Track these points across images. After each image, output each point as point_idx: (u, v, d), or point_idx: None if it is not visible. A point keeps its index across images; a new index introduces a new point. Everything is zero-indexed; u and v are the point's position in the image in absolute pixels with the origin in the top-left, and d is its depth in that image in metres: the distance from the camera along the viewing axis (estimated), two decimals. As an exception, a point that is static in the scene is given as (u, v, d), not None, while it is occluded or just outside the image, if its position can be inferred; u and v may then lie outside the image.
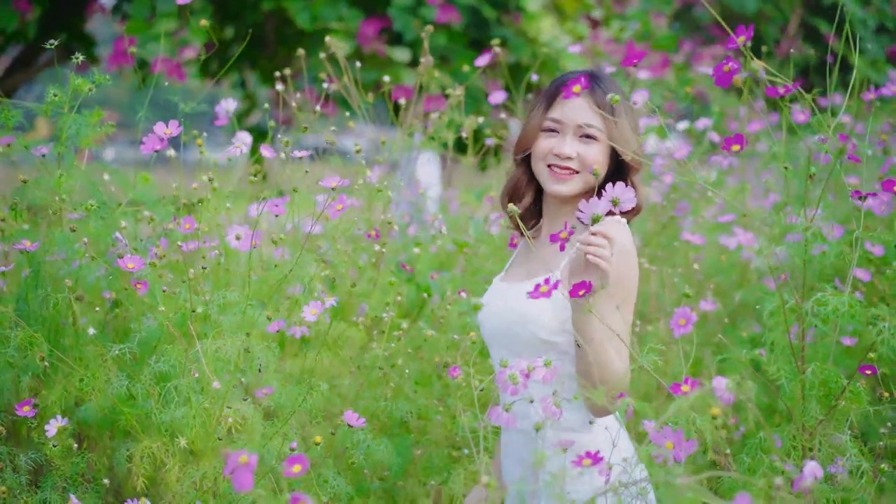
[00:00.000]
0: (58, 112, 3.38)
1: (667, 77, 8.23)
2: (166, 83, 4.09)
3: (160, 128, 3.36)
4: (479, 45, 8.10)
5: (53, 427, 3.04)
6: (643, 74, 5.97)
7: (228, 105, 4.11)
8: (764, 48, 6.07)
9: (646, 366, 2.60)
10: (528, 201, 3.06)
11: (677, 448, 2.47)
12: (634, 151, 2.88)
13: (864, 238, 3.81)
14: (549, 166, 2.93)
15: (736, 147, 2.67)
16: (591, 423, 2.86)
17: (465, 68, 5.75)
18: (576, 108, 2.90)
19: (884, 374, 3.01)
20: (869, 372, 2.87)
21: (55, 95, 3.33)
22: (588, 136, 2.90)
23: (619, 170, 2.96)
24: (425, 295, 4.09)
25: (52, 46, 3.39)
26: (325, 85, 4.13)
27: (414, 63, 7.90)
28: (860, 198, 2.97)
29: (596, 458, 2.41)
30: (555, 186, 2.93)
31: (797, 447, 2.66)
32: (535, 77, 5.08)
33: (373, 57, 7.82)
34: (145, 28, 7.62)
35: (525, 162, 3.03)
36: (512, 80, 6.00)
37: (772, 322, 2.75)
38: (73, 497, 2.88)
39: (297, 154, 3.35)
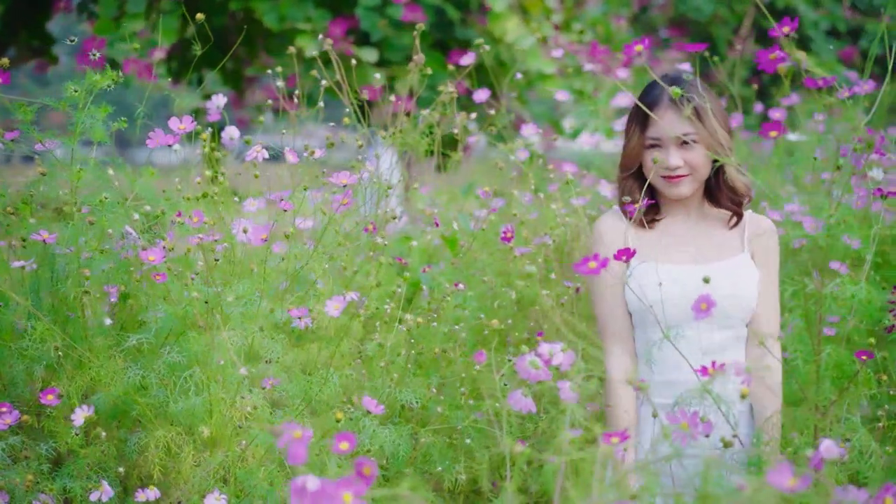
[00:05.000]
0: (72, 107, 3.43)
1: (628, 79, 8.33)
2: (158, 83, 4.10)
3: (174, 123, 3.42)
4: (444, 46, 8.19)
5: (80, 416, 3.08)
6: (622, 74, 6.10)
7: (219, 101, 4.14)
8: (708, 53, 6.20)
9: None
10: (643, 212, 3.39)
11: (693, 428, 2.59)
12: (724, 144, 3.27)
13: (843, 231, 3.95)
14: (662, 177, 3.33)
15: (774, 133, 2.80)
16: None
17: (449, 69, 5.83)
18: (669, 123, 3.28)
19: (884, 357, 3.14)
20: (865, 357, 2.99)
21: (75, 91, 3.37)
22: (686, 143, 3.28)
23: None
24: (425, 288, 4.16)
25: (73, 42, 3.44)
26: (322, 82, 4.17)
27: (380, 63, 7.96)
28: (882, 196, 3.09)
29: (623, 436, 2.50)
30: (673, 191, 3.35)
31: (809, 427, 2.78)
32: (518, 76, 5.17)
33: (341, 57, 7.86)
34: (114, 28, 7.63)
35: (632, 177, 3.41)
36: (476, 81, 6.07)
37: (791, 306, 2.87)
38: (104, 483, 2.93)
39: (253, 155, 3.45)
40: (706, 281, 2.86)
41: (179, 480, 3.30)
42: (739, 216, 3.40)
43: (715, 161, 3.29)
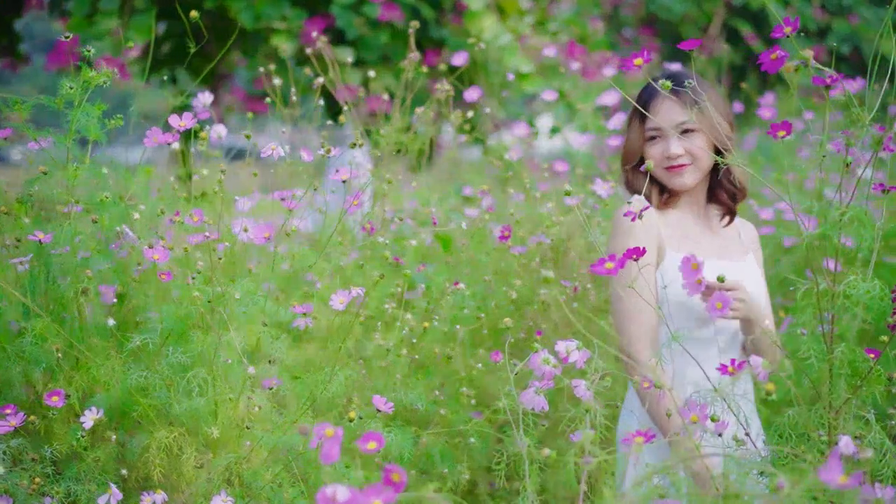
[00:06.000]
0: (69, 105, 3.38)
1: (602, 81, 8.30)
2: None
3: (174, 120, 3.38)
4: (419, 46, 8.15)
5: (89, 418, 3.04)
6: (609, 72, 6.10)
7: (205, 98, 4.11)
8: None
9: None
10: (657, 195, 3.37)
11: (703, 421, 2.59)
12: (725, 133, 3.24)
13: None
14: (665, 168, 3.30)
15: (782, 133, 2.78)
16: None
17: (426, 69, 5.80)
18: (668, 112, 3.28)
19: (896, 356, 3.13)
20: (872, 356, 2.98)
21: (71, 88, 3.32)
22: (686, 131, 3.27)
23: (718, 150, 3.30)
24: (421, 286, 4.13)
25: (68, 38, 3.39)
26: (319, 79, 4.14)
27: (357, 63, 7.91)
28: (884, 191, 3.08)
29: (648, 437, 2.48)
30: (676, 181, 3.31)
31: (824, 425, 2.77)
32: (511, 76, 5.15)
33: (316, 56, 7.82)
34: (87, 26, 7.56)
35: (635, 166, 3.39)
36: (451, 80, 6.06)
37: (803, 304, 2.86)
38: (112, 486, 2.88)
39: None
40: (720, 280, 2.85)
41: (181, 482, 3.26)
42: (733, 214, 3.40)
43: (717, 152, 3.28)
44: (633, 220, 2.84)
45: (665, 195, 3.36)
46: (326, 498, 2.01)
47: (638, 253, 2.68)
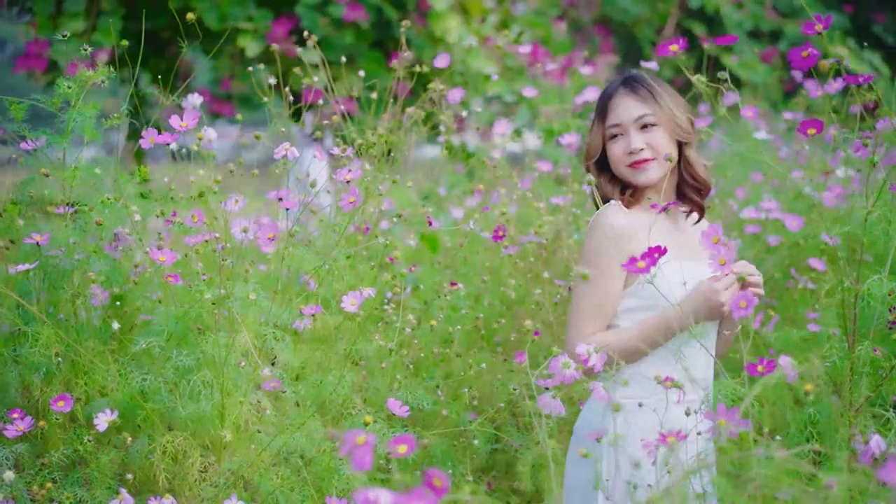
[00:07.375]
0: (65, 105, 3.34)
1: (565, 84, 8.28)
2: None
3: (175, 120, 3.34)
4: (382, 46, 8.14)
5: (103, 421, 2.99)
6: (585, 70, 6.11)
7: (195, 100, 4.07)
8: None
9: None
10: (621, 194, 3.33)
11: (732, 425, 2.58)
12: (684, 126, 3.27)
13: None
14: (628, 165, 3.27)
15: (812, 131, 2.78)
16: None
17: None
18: (627, 108, 3.27)
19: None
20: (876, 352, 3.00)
21: (69, 87, 3.27)
22: (646, 125, 3.25)
23: (680, 144, 3.31)
24: (411, 287, 4.11)
25: (65, 37, 3.36)
26: (313, 84, 4.10)
27: (323, 63, 7.87)
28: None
29: (681, 436, 2.48)
30: (641, 177, 3.26)
31: (845, 424, 2.78)
32: (495, 77, 5.14)
33: (282, 58, 7.78)
34: (51, 28, 7.48)
35: (598, 168, 3.36)
36: (416, 81, 6.03)
37: (826, 302, 2.88)
38: (123, 491, 2.83)
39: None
40: (741, 280, 2.86)
41: (184, 487, 3.21)
42: (702, 211, 3.38)
43: (680, 147, 3.29)
44: (659, 212, 2.84)
45: (629, 193, 3.33)
46: (369, 501, 1.99)
47: (660, 252, 2.68)
